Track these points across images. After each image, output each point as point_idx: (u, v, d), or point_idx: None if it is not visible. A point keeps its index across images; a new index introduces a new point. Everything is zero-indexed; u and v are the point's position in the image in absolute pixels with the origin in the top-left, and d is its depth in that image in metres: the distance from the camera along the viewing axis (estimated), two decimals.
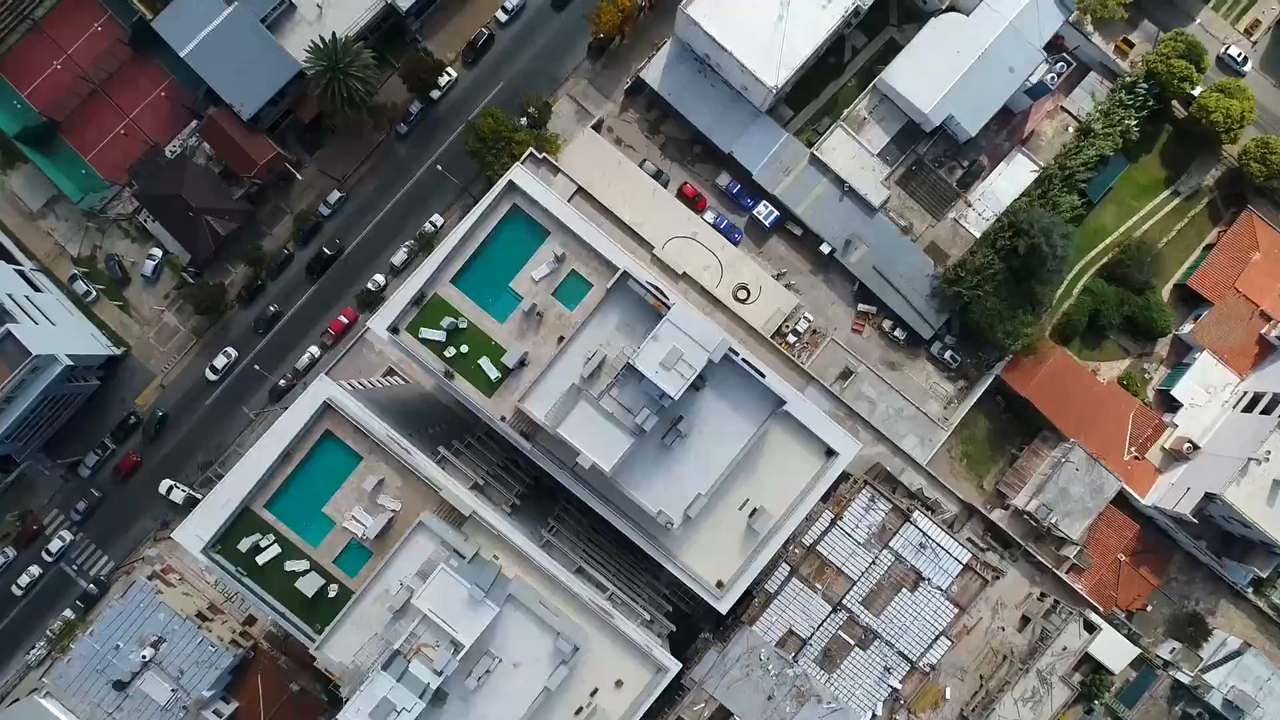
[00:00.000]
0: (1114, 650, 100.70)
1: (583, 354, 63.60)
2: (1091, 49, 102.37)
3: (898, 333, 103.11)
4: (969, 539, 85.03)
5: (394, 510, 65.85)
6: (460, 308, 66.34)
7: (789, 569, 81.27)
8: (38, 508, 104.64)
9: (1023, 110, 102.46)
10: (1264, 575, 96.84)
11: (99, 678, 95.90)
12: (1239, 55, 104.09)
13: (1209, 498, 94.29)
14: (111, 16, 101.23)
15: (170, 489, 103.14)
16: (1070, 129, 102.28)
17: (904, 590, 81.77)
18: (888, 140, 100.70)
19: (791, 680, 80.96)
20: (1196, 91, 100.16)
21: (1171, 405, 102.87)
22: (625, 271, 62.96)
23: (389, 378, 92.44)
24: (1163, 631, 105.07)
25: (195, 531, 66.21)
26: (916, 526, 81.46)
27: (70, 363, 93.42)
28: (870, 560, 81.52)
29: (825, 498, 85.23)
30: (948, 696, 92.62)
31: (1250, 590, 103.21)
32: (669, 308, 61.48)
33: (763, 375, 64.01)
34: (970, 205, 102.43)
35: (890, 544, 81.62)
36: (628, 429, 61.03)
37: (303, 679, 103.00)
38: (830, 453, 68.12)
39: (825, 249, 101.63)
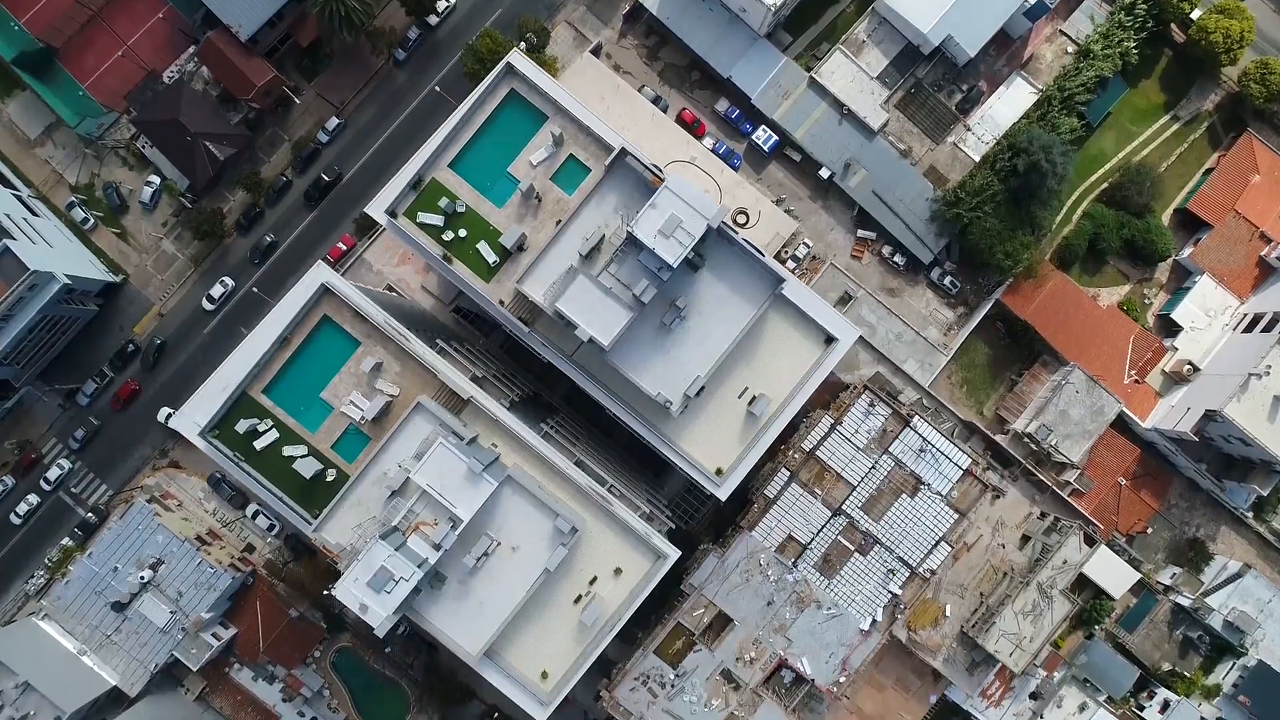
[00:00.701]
0: (1114, 575, 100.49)
1: (581, 235, 63.40)
2: None
3: (897, 258, 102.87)
4: (970, 448, 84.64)
5: (392, 395, 65.64)
6: (458, 192, 66.13)
7: (788, 474, 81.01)
8: (36, 436, 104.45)
9: (1021, 35, 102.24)
10: (1265, 493, 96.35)
11: (97, 600, 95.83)
12: None
13: (1209, 416, 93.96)
14: None
15: (169, 417, 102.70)
16: (1069, 51, 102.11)
17: (904, 496, 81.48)
18: (886, 63, 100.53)
19: (791, 586, 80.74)
20: (1195, 14, 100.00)
21: (1171, 330, 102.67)
22: (624, 148, 62.80)
23: (387, 293, 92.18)
24: (1163, 558, 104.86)
25: (192, 417, 66.03)
26: (916, 432, 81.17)
27: (68, 281, 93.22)
28: (870, 465, 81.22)
29: (826, 405, 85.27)
30: (948, 614, 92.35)
31: (1250, 515, 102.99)
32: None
33: (761, 253, 63.85)
34: (969, 129, 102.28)
35: (890, 449, 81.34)
36: (626, 303, 60.77)
37: (301, 606, 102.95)
38: (830, 340, 67.88)
39: (824, 173, 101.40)
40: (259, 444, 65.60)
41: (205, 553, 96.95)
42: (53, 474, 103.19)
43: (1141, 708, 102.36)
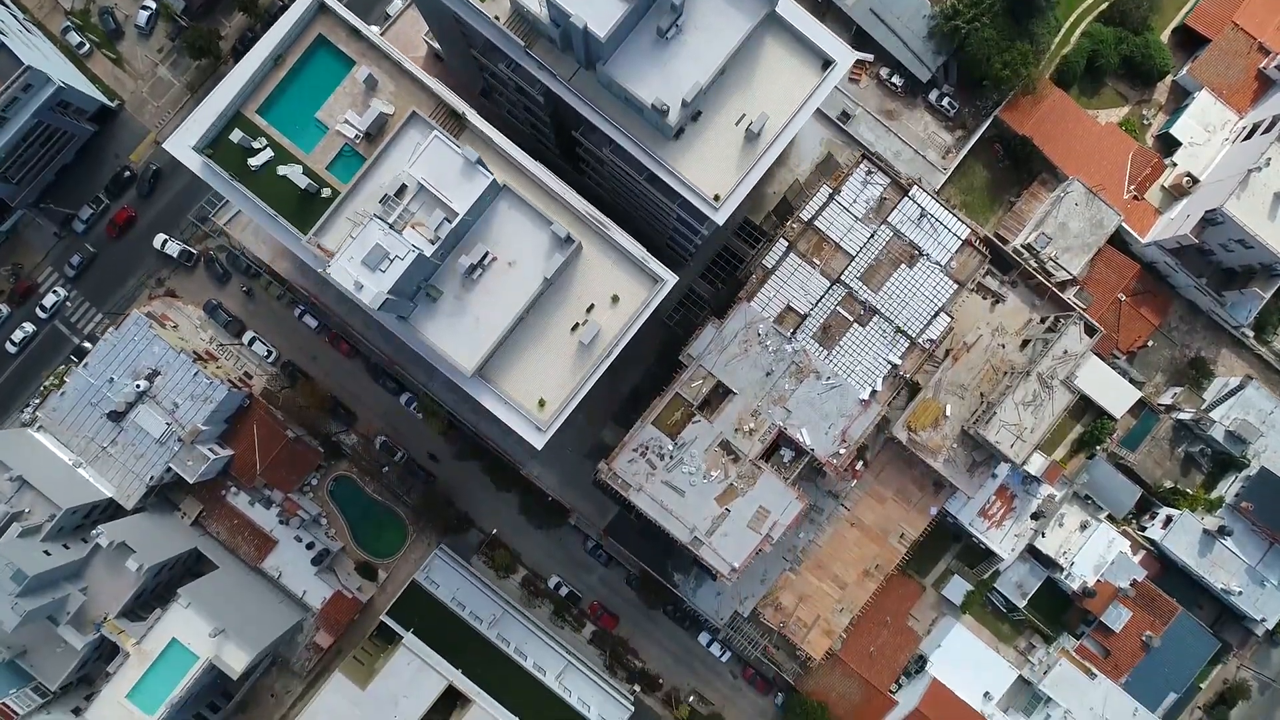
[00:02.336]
0: (1115, 394, 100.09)
1: None
2: None
3: (895, 80, 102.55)
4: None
5: (387, 112, 65.18)
6: None
7: (786, 244, 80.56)
8: (31, 265, 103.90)
9: None
10: (1266, 297, 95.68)
11: (93, 411, 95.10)
12: None
13: (1208, 220, 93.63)
14: None
15: (165, 243, 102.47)
16: None
17: (902, 266, 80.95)
18: None
19: (790, 356, 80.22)
20: None
21: (1170, 150, 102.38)
22: None
23: None
24: (1163, 380, 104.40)
25: (186, 139, 65.55)
26: (915, 201, 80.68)
27: (62, 84, 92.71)
28: (868, 235, 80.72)
29: (825, 173, 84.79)
30: (948, 414, 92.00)
31: (1251, 335, 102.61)
32: None
33: None
34: None
35: (889, 219, 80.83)
36: None
37: (299, 430, 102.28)
38: (827, 64, 67.48)
39: None
40: (254, 162, 65.12)
41: (201, 365, 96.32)
42: (48, 301, 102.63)
43: (1144, 529, 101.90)
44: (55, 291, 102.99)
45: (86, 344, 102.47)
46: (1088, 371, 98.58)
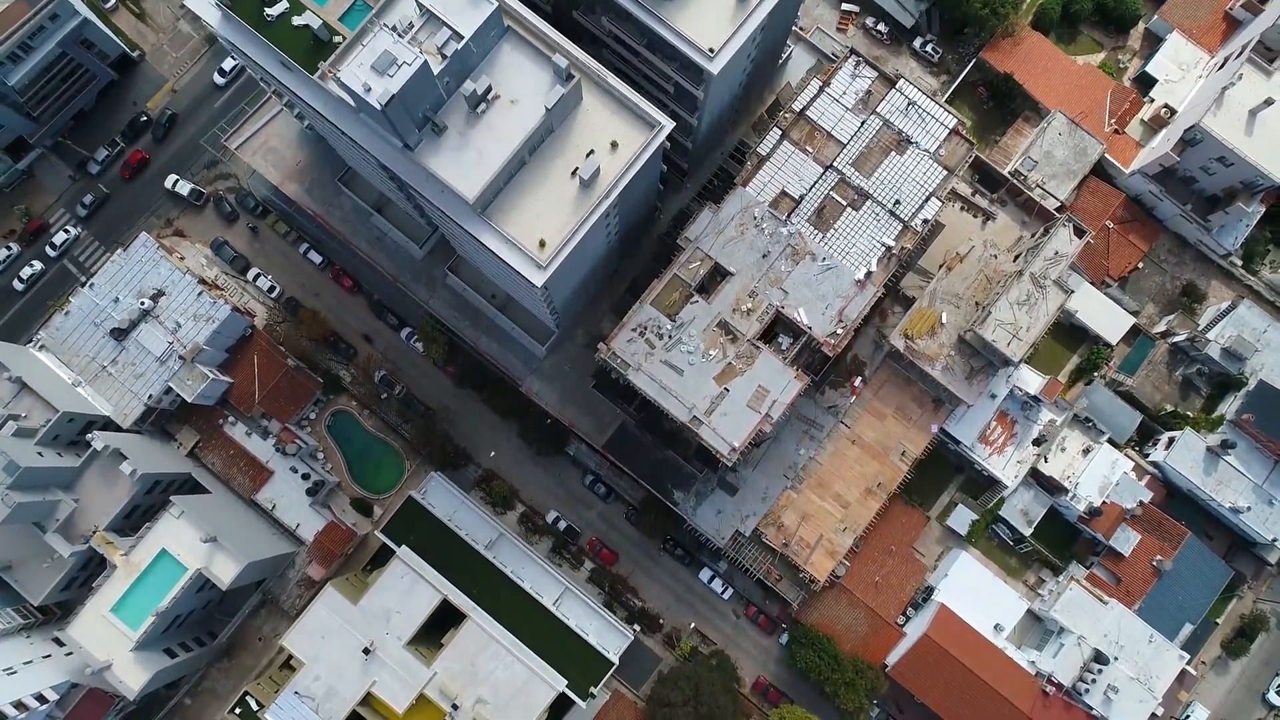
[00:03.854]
0: (1109, 320, 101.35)
1: None
2: None
3: (880, 28, 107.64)
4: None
5: None
6: None
7: (779, 132, 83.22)
8: (44, 207, 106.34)
9: None
10: (1250, 212, 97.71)
11: (96, 331, 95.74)
12: None
13: (1188, 141, 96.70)
14: None
15: (175, 183, 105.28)
16: None
17: (893, 153, 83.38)
18: None
19: (786, 239, 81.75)
20: None
21: (1147, 89, 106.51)
22: None
23: None
24: (1157, 311, 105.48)
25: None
26: (902, 93, 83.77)
27: (87, 15, 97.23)
28: (859, 124, 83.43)
29: (815, 70, 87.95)
30: (944, 321, 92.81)
31: (1239, 264, 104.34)
32: None
33: None
34: None
35: (877, 109, 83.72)
36: None
37: (297, 362, 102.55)
38: None
39: None
40: (270, 12, 68.27)
41: (205, 288, 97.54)
42: (59, 239, 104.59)
43: (1146, 455, 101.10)
44: (66, 230, 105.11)
45: (93, 282, 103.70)
46: (1081, 300, 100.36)
